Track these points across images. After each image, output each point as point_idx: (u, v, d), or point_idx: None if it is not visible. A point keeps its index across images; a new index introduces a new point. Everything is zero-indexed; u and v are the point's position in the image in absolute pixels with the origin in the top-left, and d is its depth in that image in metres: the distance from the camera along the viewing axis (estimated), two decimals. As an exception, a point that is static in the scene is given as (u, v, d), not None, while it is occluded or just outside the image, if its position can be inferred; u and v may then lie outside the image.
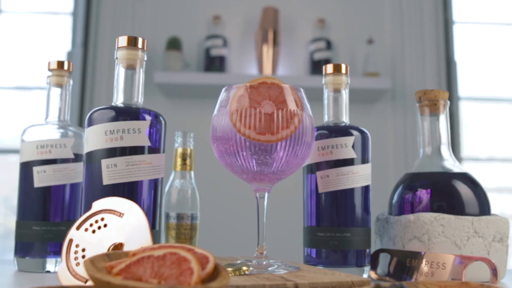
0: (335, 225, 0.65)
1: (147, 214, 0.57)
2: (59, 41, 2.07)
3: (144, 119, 0.58)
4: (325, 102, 0.70)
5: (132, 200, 0.56)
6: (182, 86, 1.82)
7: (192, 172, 0.79)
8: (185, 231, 0.76)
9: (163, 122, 0.61)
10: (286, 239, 1.47)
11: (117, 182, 0.56)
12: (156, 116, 0.59)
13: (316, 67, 1.90)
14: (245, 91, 0.57)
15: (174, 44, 1.84)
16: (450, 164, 0.71)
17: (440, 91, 0.72)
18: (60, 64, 0.74)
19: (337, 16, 1.98)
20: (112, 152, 0.56)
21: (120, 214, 0.53)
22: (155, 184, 0.59)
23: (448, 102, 0.73)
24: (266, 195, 0.61)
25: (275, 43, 1.87)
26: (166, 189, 0.78)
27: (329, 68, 0.70)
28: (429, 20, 1.99)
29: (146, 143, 0.57)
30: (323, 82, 0.71)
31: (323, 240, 0.65)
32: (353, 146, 0.66)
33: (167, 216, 0.76)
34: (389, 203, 0.74)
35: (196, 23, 1.94)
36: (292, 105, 0.57)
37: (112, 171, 0.56)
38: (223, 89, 0.60)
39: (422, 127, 0.74)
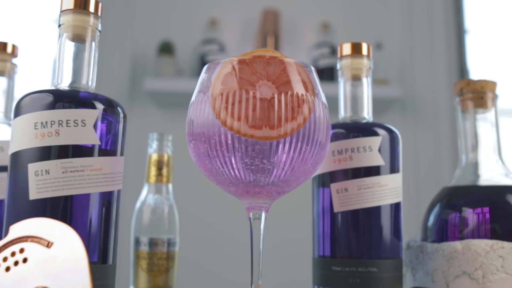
0: (356, 256, 0.49)
1: (93, 242, 0.41)
2: (45, 47, 1.93)
3: (92, 107, 0.41)
4: (341, 93, 0.54)
5: (70, 222, 0.39)
6: (175, 94, 1.66)
7: (170, 185, 0.62)
8: (159, 261, 0.59)
9: (121, 114, 0.44)
10: (289, 275, 1.26)
11: (49, 196, 0.39)
12: (110, 105, 0.43)
13: (320, 74, 1.74)
14: (234, 68, 0.40)
15: (166, 49, 1.69)
16: (502, 174, 0.55)
17: (488, 80, 0.56)
18: (2, 46, 0.58)
19: (342, 19, 1.83)
20: (44, 153, 0.40)
21: (48, 244, 0.36)
22: (107, 200, 0.42)
23: (498, 95, 0.57)
24: (263, 215, 0.44)
25: (276, 48, 1.72)
26: (137, 206, 0.61)
27: (346, 48, 0.53)
28: (440, 23, 1.84)
29: (94, 141, 0.41)
30: (337, 67, 0.55)
31: (341, 277, 0.48)
32: (379, 150, 0.50)
33: (137, 242, 0.59)
34: (423, 226, 0.57)
35: (190, 27, 1.79)
36: (299, 88, 0.40)
37: (42, 181, 0.39)
38: (204, 68, 0.44)
39: (463, 128, 0.57)
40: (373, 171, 0.49)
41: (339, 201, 0.49)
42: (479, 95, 0.56)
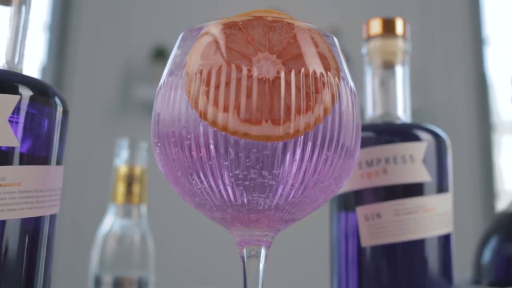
0: (392, 309, 0.35)
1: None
2: (33, 54, 1.81)
3: (11, 91, 0.28)
4: (368, 85, 0.41)
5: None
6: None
7: (143, 207, 0.49)
8: (127, 305, 0.45)
9: (59, 107, 0.31)
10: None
11: None
12: (43, 91, 0.30)
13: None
14: (220, 34, 0.27)
15: (160, 54, 1.58)
16: None
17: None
18: None
19: (352, 25, 1.70)
20: None
21: None
22: (32, 228, 0.29)
23: None
24: (263, 252, 0.31)
25: (279, 56, 1.60)
26: (99, 234, 0.48)
27: (375, 26, 0.41)
28: (458, 32, 1.72)
29: (9, 141, 0.28)
30: (363, 51, 0.42)
31: None
32: (423, 161, 0.36)
33: (98, 282, 0.46)
34: (475, 263, 0.43)
35: (187, 32, 1.67)
36: (317, 65, 0.27)
37: None
38: (179, 39, 0.31)
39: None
40: (416, 189, 0.36)
41: (369, 232, 0.36)
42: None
